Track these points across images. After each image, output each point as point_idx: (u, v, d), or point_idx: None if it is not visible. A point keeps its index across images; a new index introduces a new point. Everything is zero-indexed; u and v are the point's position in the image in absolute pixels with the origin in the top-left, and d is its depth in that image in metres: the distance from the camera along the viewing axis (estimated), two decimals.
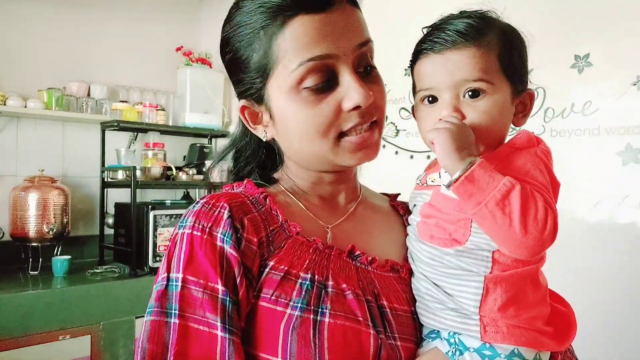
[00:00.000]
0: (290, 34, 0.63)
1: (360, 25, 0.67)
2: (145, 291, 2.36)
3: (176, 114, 3.09)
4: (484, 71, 0.65)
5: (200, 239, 0.62)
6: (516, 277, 0.64)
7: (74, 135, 2.82)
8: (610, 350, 1.61)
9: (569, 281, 1.71)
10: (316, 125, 0.65)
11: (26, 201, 2.40)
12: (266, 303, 0.61)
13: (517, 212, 0.58)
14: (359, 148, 0.67)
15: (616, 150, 1.63)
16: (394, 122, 2.28)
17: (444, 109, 0.67)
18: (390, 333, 0.64)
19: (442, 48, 0.67)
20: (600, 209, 1.67)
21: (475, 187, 0.60)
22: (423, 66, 0.69)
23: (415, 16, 2.23)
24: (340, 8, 0.64)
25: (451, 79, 0.66)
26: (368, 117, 0.67)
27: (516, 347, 0.63)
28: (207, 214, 0.63)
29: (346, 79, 0.64)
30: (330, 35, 0.63)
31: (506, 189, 0.59)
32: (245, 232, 0.63)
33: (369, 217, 0.78)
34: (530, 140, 0.67)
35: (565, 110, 1.75)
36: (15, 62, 2.63)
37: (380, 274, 0.69)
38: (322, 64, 0.63)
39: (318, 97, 0.64)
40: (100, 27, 2.91)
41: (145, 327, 0.60)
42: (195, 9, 3.35)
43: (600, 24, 1.67)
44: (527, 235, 0.58)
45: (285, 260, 0.64)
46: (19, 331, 2.02)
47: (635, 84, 1.60)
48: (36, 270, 2.41)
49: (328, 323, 0.59)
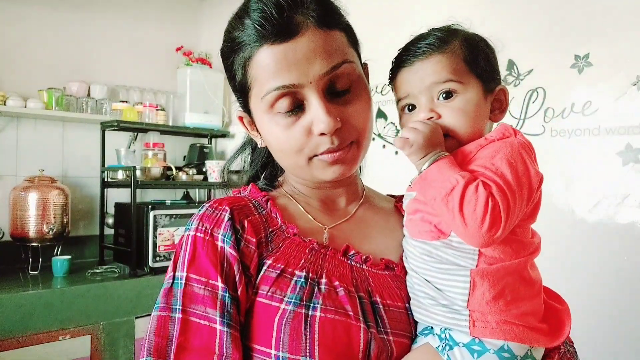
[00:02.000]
0: (257, 63, 0.66)
1: (332, 48, 0.65)
2: (145, 291, 2.36)
3: (176, 114, 3.09)
4: (451, 72, 0.70)
5: (203, 240, 0.67)
6: (503, 271, 0.65)
7: (74, 135, 2.82)
8: (610, 350, 1.61)
9: (568, 281, 1.71)
10: (289, 147, 0.68)
11: (26, 201, 2.40)
12: (263, 299, 0.65)
13: (456, 207, 0.62)
14: (332, 164, 0.69)
15: (616, 150, 1.64)
16: (394, 122, 2.28)
17: (421, 112, 0.71)
18: (382, 328, 0.66)
19: (412, 60, 0.72)
20: (600, 209, 1.67)
21: (427, 184, 0.65)
22: (398, 79, 0.75)
23: (415, 16, 2.23)
24: (307, 34, 0.64)
25: (423, 84, 0.71)
26: (342, 143, 0.67)
27: (506, 342, 0.64)
28: (209, 217, 0.69)
29: (313, 106, 0.65)
30: (294, 64, 0.64)
31: (451, 185, 0.63)
32: (245, 233, 0.68)
33: (369, 218, 0.80)
34: (506, 130, 0.70)
35: (565, 110, 1.75)
36: (15, 62, 2.63)
37: (375, 272, 0.71)
38: (288, 92, 0.65)
39: (289, 120, 0.67)
40: (100, 27, 2.91)
41: (152, 321, 0.65)
42: (195, 9, 3.35)
43: (600, 24, 1.67)
44: (467, 228, 0.62)
45: (282, 259, 0.68)
46: (19, 331, 2.02)
47: (635, 84, 1.60)
48: (36, 270, 2.41)
49: (319, 317, 0.63)
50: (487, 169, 0.64)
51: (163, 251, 2.51)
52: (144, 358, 0.62)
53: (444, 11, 2.20)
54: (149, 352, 0.62)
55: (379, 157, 2.28)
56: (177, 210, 2.58)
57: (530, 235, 0.70)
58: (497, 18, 1.87)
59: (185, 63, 3.05)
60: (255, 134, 0.76)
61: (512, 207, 0.62)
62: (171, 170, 2.82)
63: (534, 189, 0.65)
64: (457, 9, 2.07)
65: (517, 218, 0.64)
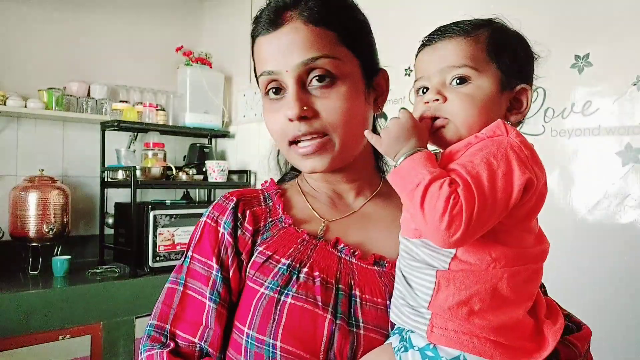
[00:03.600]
0: (255, 50, 0.76)
1: (312, 42, 0.70)
2: (145, 291, 2.36)
3: (176, 114, 3.09)
4: (469, 58, 0.67)
5: (209, 225, 0.77)
6: (473, 278, 0.60)
7: (74, 135, 2.82)
8: (611, 350, 1.61)
9: (568, 281, 1.71)
10: (275, 129, 0.75)
11: (26, 201, 2.40)
12: (249, 282, 0.73)
13: (418, 202, 0.58)
14: (306, 156, 0.73)
15: (616, 150, 1.63)
16: None
17: (429, 93, 0.69)
18: (354, 321, 0.67)
19: (435, 40, 0.71)
20: (600, 209, 1.67)
21: (399, 178, 0.63)
22: (418, 59, 0.73)
23: (414, 17, 2.24)
24: (290, 26, 0.71)
25: (438, 65, 0.69)
26: (308, 131, 0.71)
27: (462, 353, 0.60)
28: (219, 206, 0.79)
29: (288, 92, 0.72)
30: (275, 52, 0.72)
31: (417, 180, 0.59)
32: (245, 222, 0.76)
33: (376, 214, 0.81)
34: (497, 128, 0.64)
35: (565, 110, 1.75)
36: (15, 62, 2.63)
37: (363, 266, 0.73)
38: (271, 78, 0.73)
39: (276, 105, 0.74)
40: (100, 27, 2.91)
41: (163, 291, 0.77)
42: (195, 9, 3.35)
43: (600, 24, 1.67)
44: (426, 224, 0.58)
45: (272, 247, 0.74)
46: (19, 331, 2.02)
47: (635, 84, 1.60)
48: (36, 270, 2.41)
49: (289, 303, 0.67)
50: (462, 166, 0.60)
51: (163, 251, 2.51)
52: (150, 320, 0.74)
53: (444, 11, 2.20)
54: (155, 316, 0.74)
55: None
56: (177, 210, 2.58)
57: (530, 245, 0.64)
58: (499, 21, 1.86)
59: (185, 63, 3.05)
60: None
61: (479, 209, 0.56)
62: (171, 170, 2.82)
63: (513, 193, 0.58)
64: (457, 9, 2.07)
65: (487, 222, 0.58)
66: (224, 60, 3.21)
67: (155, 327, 0.73)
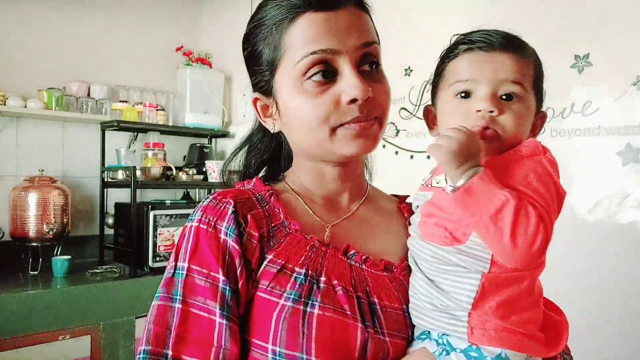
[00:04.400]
0: (298, 28, 0.68)
1: (366, 26, 0.70)
2: (145, 291, 2.36)
3: (176, 114, 3.09)
4: (523, 77, 0.69)
5: (205, 232, 0.67)
6: (512, 280, 0.65)
7: (74, 135, 2.82)
8: (610, 350, 1.61)
9: (568, 281, 1.71)
10: (316, 115, 0.68)
11: (26, 201, 2.40)
12: (262, 293, 0.65)
13: (508, 227, 0.60)
14: (356, 137, 0.69)
15: (616, 150, 1.64)
16: (394, 122, 2.28)
17: (481, 101, 0.68)
18: (379, 328, 0.66)
19: (489, 47, 0.70)
20: (600, 209, 1.67)
21: (472, 200, 0.62)
22: (464, 61, 0.71)
23: (415, 18, 2.24)
24: (347, 9, 0.68)
25: (494, 76, 0.68)
26: (368, 114, 0.69)
27: (503, 350, 0.63)
28: (213, 209, 0.69)
29: (346, 74, 0.67)
30: (334, 32, 0.67)
31: (500, 203, 0.60)
32: (248, 227, 0.68)
33: (371, 217, 0.80)
34: (536, 148, 0.68)
35: (565, 110, 1.75)
36: (15, 62, 2.63)
37: (374, 272, 0.71)
38: (324, 58, 0.67)
39: (319, 88, 0.68)
40: (100, 27, 2.91)
41: (151, 310, 0.65)
42: (195, 9, 3.35)
43: (600, 24, 1.67)
44: (516, 248, 0.60)
45: (283, 255, 0.68)
46: (19, 331, 2.02)
47: (635, 84, 1.60)
48: (36, 270, 2.41)
49: (317, 314, 0.63)
50: (527, 187, 0.63)
51: (163, 251, 2.51)
52: (142, 347, 0.63)
53: (444, 12, 2.20)
54: (147, 341, 0.63)
55: (378, 157, 2.28)
56: (177, 210, 2.58)
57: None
58: (497, 18, 1.87)
59: (185, 63, 3.05)
60: (268, 119, 0.77)
61: (552, 227, 0.62)
62: (171, 170, 2.82)
63: (561, 207, 0.66)
64: (457, 9, 2.07)
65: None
66: (224, 60, 3.21)
67: (150, 354, 0.62)
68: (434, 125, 0.78)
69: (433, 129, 0.79)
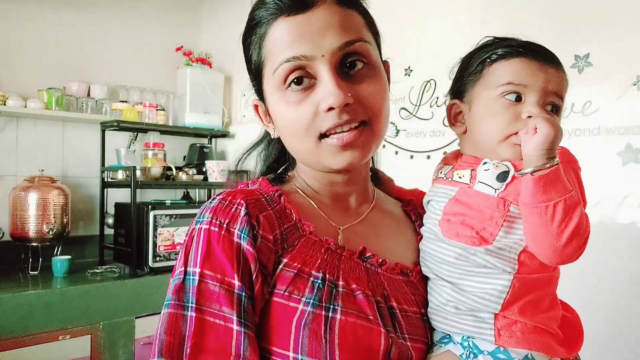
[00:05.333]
0: (272, 35, 0.66)
1: (347, 24, 0.65)
2: (145, 291, 2.36)
3: (176, 114, 3.09)
4: (564, 92, 0.72)
5: (218, 234, 0.63)
6: (541, 281, 0.66)
7: (74, 135, 2.82)
8: (610, 350, 1.61)
9: (568, 280, 1.71)
10: (297, 125, 0.66)
11: (26, 201, 2.40)
12: (279, 299, 0.62)
13: (573, 225, 0.62)
14: (342, 149, 0.66)
15: (616, 150, 1.64)
16: (394, 122, 2.28)
17: (533, 107, 0.69)
18: (400, 333, 0.65)
19: (542, 57, 0.71)
20: (600, 209, 1.67)
21: (552, 185, 0.62)
22: (518, 65, 0.71)
23: (414, 18, 2.23)
24: (323, 8, 0.64)
25: (546, 86, 0.70)
26: (350, 119, 0.64)
27: (530, 352, 0.64)
28: (224, 210, 0.65)
29: (323, 80, 0.64)
30: (308, 36, 0.63)
31: (576, 199, 0.63)
32: (261, 230, 0.64)
33: (381, 220, 0.78)
34: (569, 155, 0.71)
35: (565, 110, 1.75)
36: (15, 62, 2.63)
37: (390, 276, 0.69)
38: (299, 65, 0.64)
39: (300, 96, 0.65)
40: (100, 27, 2.91)
41: (162, 319, 0.61)
42: (195, 9, 3.35)
43: (600, 24, 1.67)
44: (566, 247, 0.62)
45: (299, 258, 0.65)
46: (19, 331, 2.02)
47: (635, 84, 1.60)
48: (36, 270, 2.41)
49: (339, 320, 0.60)
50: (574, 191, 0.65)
51: (163, 251, 2.51)
52: (155, 358, 0.58)
53: (445, 11, 2.20)
54: (160, 352, 0.58)
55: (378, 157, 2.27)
56: (177, 210, 2.58)
57: None
58: (497, 18, 1.87)
59: (185, 63, 3.05)
60: (269, 124, 0.74)
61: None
62: (171, 170, 2.82)
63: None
64: (457, 9, 2.07)
65: None
66: (224, 60, 3.21)
67: None
68: (458, 122, 0.77)
69: (457, 125, 0.77)
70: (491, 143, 0.70)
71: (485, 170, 0.68)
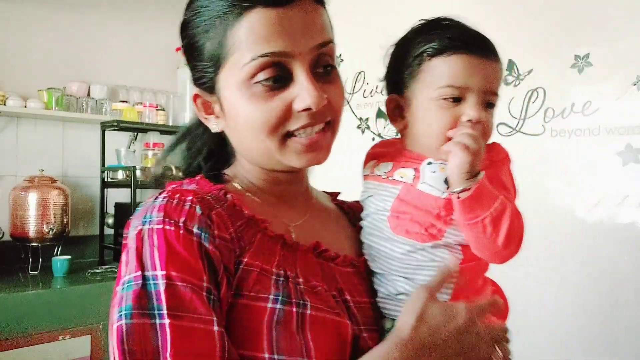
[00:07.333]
0: (246, 26, 0.61)
1: (322, 24, 0.64)
2: None
3: (176, 114, 3.09)
4: (499, 86, 0.71)
5: (176, 234, 0.58)
6: (475, 267, 0.70)
7: (74, 135, 2.82)
8: (609, 350, 1.61)
9: (568, 280, 1.71)
10: (264, 122, 0.63)
11: (26, 201, 2.40)
12: (245, 300, 0.59)
13: (504, 230, 0.64)
14: (307, 150, 0.65)
15: (616, 150, 1.64)
16: None
17: (472, 111, 0.67)
18: (357, 325, 0.66)
19: (483, 53, 0.69)
20: (600, 209, 1.67)
21: (477, 203, 0.63)
22: (459, 64, 0.68)
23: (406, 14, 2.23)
24: (301, 4, 0.62)
25: (486, 85, 0.69)
26: (320, 119, 0.64)
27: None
28: (176, 209, 0.60)
29: (300, 79, 0.62)
30: (287, 32, 0.61)
31: (501, 208, 0.64)
32: (217, 229, 0.61)
33: (324, 215, 0.79)
34: (504, 152, 0.72)
35: (565, 110, 1.75)
36: (15, 62, 2.63)
37: (342, 269, 0.71)
38: (275, 60, 0.61)
39: (269, 93, 0.62)
40: (100, 27, 2.91)
41: (125, 330, 0.55)
42: None
43: (600, 24, 1.67)
44: (506, 249, 0.65)
45: (257, 257, 0.62)
46: (19, 331, 2.01)
47: (635, 84, 1.60)
48: (36, 270, 2.41)
49: (310, 315, 0.60)
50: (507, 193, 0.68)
51: None
52: None
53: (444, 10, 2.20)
54: None
55: None
56: None
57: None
58: (497, 18, 1.87)
59: (185, 63, 3.04)
60: (209, 117, 0.71)
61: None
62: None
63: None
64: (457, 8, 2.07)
65: None
66: None
67: None
68: (399, 117, 0.75)
69: (398, 121, 0.75)
70: (432, 144, 0.70)
71: (432, 172, 0.68)
